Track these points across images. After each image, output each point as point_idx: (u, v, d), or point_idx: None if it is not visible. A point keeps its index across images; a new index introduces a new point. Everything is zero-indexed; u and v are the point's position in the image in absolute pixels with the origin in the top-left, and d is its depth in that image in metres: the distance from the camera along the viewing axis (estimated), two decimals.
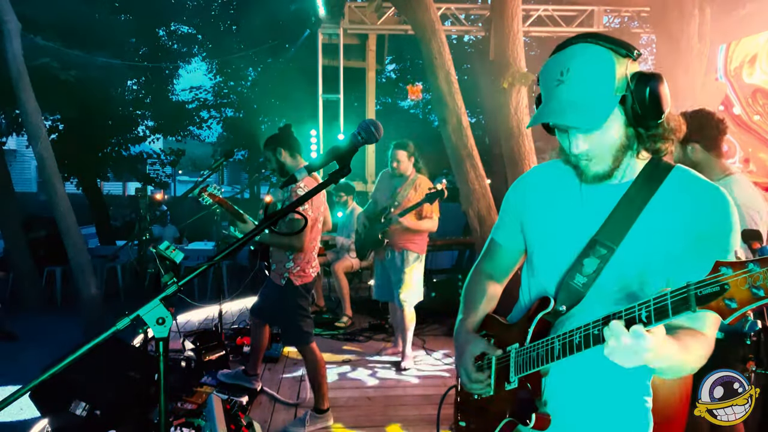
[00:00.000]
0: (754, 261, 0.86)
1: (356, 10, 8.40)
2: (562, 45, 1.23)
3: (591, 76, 1.16)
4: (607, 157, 1.21)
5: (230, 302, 6.25)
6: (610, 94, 1.15)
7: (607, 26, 8.61)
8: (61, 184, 6.48)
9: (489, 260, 1.57)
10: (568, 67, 1.17)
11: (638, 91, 1.15)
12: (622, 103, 1.16)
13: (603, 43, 1.17)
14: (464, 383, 1.41)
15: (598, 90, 1.15)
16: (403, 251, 4.42)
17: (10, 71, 6.10)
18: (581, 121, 1.16)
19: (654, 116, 1.16)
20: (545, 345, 1.22)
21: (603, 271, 1.23)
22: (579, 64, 1.16)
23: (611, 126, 1.18)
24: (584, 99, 1.15)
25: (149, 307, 1.16)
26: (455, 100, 5.56)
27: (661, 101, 1.15)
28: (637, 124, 1.19)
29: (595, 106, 1.15)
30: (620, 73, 1.16)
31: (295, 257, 3.35)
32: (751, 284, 0.85)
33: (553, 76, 1.19)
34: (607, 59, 1.16)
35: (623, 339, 0.98)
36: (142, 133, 13.93)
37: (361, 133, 1.33)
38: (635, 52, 1.17)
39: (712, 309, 0.89)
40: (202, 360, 4.21)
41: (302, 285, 3.39)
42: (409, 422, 3.55)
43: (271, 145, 3.48)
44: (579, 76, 1.16)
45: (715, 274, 0.89)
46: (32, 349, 5.97)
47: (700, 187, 1.21)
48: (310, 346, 3.42)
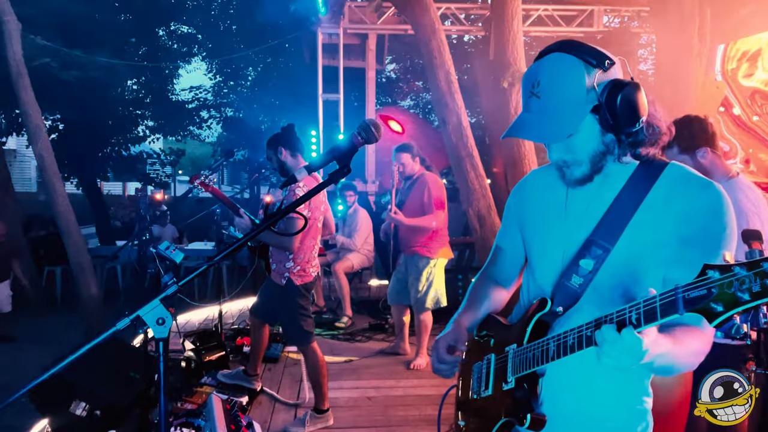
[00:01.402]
0: (741, 264, 0.86)
1: (356, 10, 8.40)
2: (541, 54, 1.26)
3: (559, 88, 1.19)
4: (585, 163, 1.25)
5: (230, 302, 6.25)
6: (579, 105, 1.19)
7: (607, 26, 8.61)
8: (61, 184, 6.47)
9: (494, 265, 1.60)
10: (539, 80, 1.21)
11: (609, 100, 1.17)
12: (596, 111, 1.19)
13: (575, 52, 1.20)
14: (432, 364, 1.48)
15: (566, 102, 1.19)
16: (414, 256, 4.41)
17: (10, 71, 6.10)
18: (543, 136, 1.22)
19: (628, 123, 1.18)
20: (541, 346, 1.22)
21: (599, 271, 1.24)
22: (548, 76, 1.20)
23: (585, 134, 1.22)
24: (551, 112, 1.19)
25: (149, 307, 1.16)
26: (455, 100, 5.56)
27: (637, 108, 1.17)
28: (613, 131, 1.21)
29: (561, 119, 1.18)
30: (589, 84, 1.18)
31: (294, 257, 3.35)
32: (737, 288, 0.85)
33: (527, 88, 1.24)
34: (576, 71, 1.19)
35: (614, 342, 0.99)
36: (142, 133, 13.93)
37: (361, 133, 1.34)
38: (606, 62, 1.19)
39: (699, 312, 0.89)
40: (202, 360, 4.21)
41: (303, 285, 3.40)
42: (410, 422, 3.55)
43: (273, 144, 3.48)
44: (548, 88, 1.20)
45: (702, 278, 0.90)
46: (32, 349, 5.97)
47: (693, 184, 1.21)
48: (311, 346, 3.42)
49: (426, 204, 4.27)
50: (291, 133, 3.51)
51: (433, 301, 4.42)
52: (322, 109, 8.86)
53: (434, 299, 4.42)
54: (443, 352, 1.43)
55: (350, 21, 8.40)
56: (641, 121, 1.19)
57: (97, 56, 9.96)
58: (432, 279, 4.40)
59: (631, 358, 0.99)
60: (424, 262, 4.37)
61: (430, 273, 4.39)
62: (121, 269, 8.59)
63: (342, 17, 8.38)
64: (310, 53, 10.02)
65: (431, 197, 4.27)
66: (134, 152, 14.08)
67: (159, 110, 13.88)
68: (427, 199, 4.27)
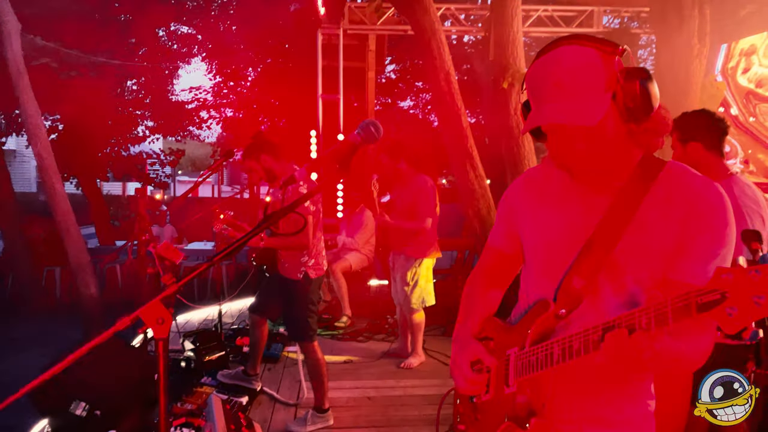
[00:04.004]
0: (756, 269, 0.85)
1: (356, 10, 8.39)
2: (545, 50, 1.22)
3: (581, 75, 1.15)
4: (603, 155, 1.20)
5: (230, 302, 6.25)
6: (602, 91, 1.15)
7: (607, 26, 8.60)
8: (61, 184, 6.47)
9: (488, 266, 1.57)
10: (556, 70, 1.17)
11: (628, 86, 1.15)
12: (613, 99, 1.16)
13: (586, 43, 1.17)
14: (459, 385, 1.39)
15: (590, 88, 1.15)
16: (401, 256, 4.44)
17: (10, 71, 6.10)
18: (580, 119, 1.14)
19: (645, 110, 1.16)
20: (544, 349, 1.21)
21: (600, 272, 1.22)
22: (567, 65, 1.16)
23: (607, 123, 1.17)
24: (578, 98, 1.14)
25: (149, 307, 1.16)
26: (455, 100, 5.56)
27: (651, 96, 1.16)
28: (629, 119, 1.18)
29: (589, 103, 1.14)
30: (609, 70, 1.15)
31: (308, 251, 3.39)
32: (753, 293, 0.84)
33: (542, 79, 1.19)
34: (594, 58, 1.15)
35: (625, 347, 0.98)
36: (142, 133, 13.92)
37: (361, 133, 1.34)
38: (620, 49, 1.17)
39: (713, 317, 0.88)
40: (201, 360, 4.21)
41: (317, 278, 3.46)
42: (409, 422, 3.55)
43: (251, 155, 3.46)
44: (569, 76, 1.15)
45: (716, 282, 0.89)
46: (32, 349, 5.96)
47: (692, 183, 1.20)
48: (313, 344, 3.44)
49: (415, 208, 4.27)
50: (264, 138, 3.49)
51: (419, 300, 4.42)
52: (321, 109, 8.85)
53: (420, 298, 4.42)
54: (468, 370, 1.36)
55: (350, 21, 8.39)
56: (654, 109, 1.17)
57: (97, 56, 9.96)
58: (417, 278, 4.39)
59: (640, 363, 0.98)
60: (411, 262, 4.38)
61: (416, 273, 4.38)
62: (121, 269, 8.59)
63: (342, 18, 8.37)
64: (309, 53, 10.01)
65: (419, 203, 4.26)
66: (134, 152, 14.07)
67: (159, 110, 13.87)
68: (416, 203, 4.27)
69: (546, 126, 1.23)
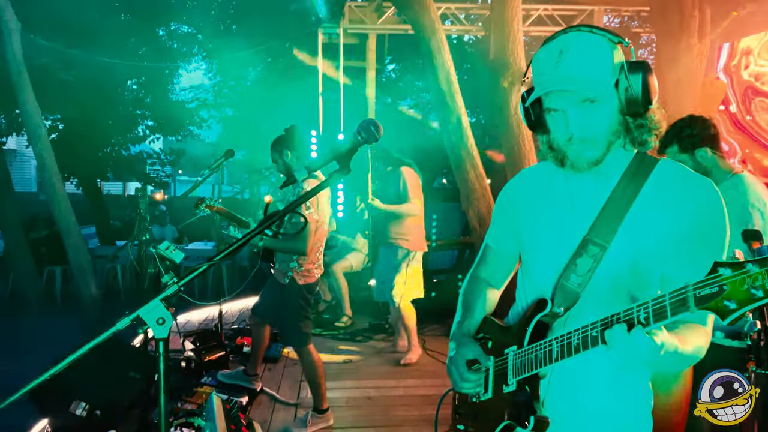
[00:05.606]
0: (753, 261, 0.86)
1: (356, 10, 8.39)
2: (553, 36, 1.24)
3: (589, 54, 1.18)
4: (600, 140, 1.21)
5: (230, 302, 6.25)
6: (607, 74, 1.18)
7: (607, 26, 8.61)
8: (61, 184, 6.48)
9: (485, 265, 1.57)
10: (565, 49, 1.19)
11: (633, 75, 1.17)
12: (616, 87, 1.19)
13: (595, 30, 1.20)
14: (455, 383, 1.40)
15: (596, 67, 1.18)
16: (392, 246, 4.44)
17: (10, 71, 6.10)
18: (584, 88, 1.17)
19: (645, 103, 1.19)
20: (543, 347, 1.21)
21: (597, 270, 1.23)
22: (576, 45, 1.19)
23: (607, 106, 1.20)
24: (585, 72, 1.17)
25: (149, 307, 1.16)
26: (455, 100, 5.56)
27: (650, 88, 1.18)
28: (627, 110, 1.20)
29: (596, 76, 1.17)
30: (616, 57, 1.19)
31: (298, 257, 3.35)
32: (750, 285, 0.85)
33: (549, 59, 1.21)
34: (602, 43, 1.19)
35: (624, 342, 0.98)
36: (142, 133, 13.92)
37: (361, 133, 1.34)
38: (625, 39, 1.21)
39: (711, 310, 0.89)
40: (202, 360, 4.21)
41: (305, 285, 3.38)
42: (410, 422, 3.55)
43: (278, 148, 3.47)
44: (577, 54, 1.18)
45: (713, 275, 0.89)
46: (32, 349, 5.96)
47: (686, 180, 1.21)
48: (308, 347, 3.40)
49: (401, 193, 4.32)
50: (293, 135, 3.49)
51: (412, 293, 4.45)
52: (322, 109, 8.85)
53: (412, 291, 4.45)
54: (465, 369, 1.37)
55: (350, 21, 8.39)
56: (653, 103, 1.20)
57: (97, 56, 9.95)
58: (411, 271, 4.43)
59: (640, 357, 0.99)
60: (403, 254, 4.39)
61: (407, 265, 4.40)
62: (121, 269, 8.59)
63: (342, 17, 8.37)
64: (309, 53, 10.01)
65: (406, 186, 4.33)
66: (134, 152, 14.06)
67: (159, 110, 13.86)
68: (402, 188, 4.33)
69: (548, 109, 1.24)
